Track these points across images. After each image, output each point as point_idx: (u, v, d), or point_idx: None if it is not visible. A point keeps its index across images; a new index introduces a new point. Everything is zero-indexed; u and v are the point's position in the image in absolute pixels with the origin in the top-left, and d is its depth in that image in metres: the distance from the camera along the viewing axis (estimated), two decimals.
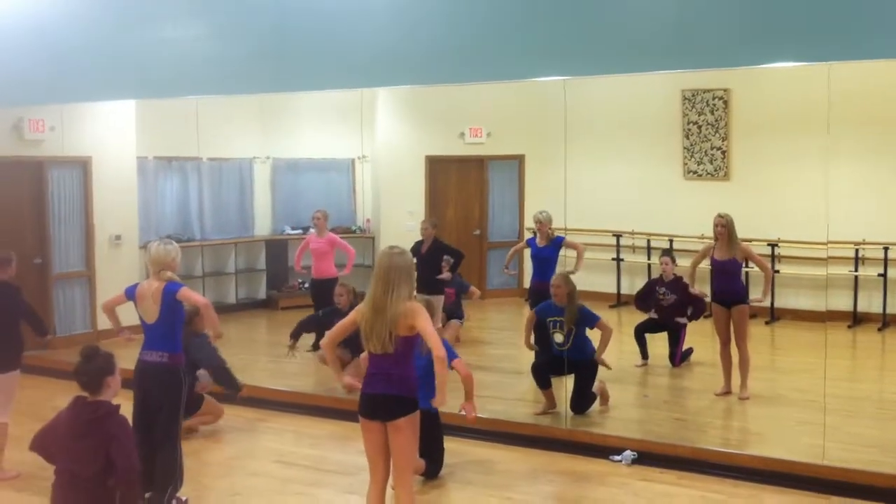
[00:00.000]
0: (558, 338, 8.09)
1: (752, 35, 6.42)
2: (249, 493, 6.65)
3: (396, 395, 5.12)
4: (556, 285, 8.19)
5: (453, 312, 10.56)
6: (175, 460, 6.00)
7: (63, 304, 11.24)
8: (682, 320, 9.91)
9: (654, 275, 13.00)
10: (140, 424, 5.86)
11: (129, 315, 6.62)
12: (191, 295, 6.18)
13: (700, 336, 12.12)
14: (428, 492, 6.67)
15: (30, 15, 9.66)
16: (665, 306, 9.92)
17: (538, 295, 9.01)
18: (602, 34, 6.91)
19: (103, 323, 11.24)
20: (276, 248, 13.70)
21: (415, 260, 5.67)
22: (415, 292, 5.27)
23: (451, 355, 6.00)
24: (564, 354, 8.02)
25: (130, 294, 6.30)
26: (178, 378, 6.09)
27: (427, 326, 5.06)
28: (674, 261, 10.13)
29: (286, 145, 13.97)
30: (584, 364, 8.06)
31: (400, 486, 5.26)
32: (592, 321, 8.15)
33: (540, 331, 8.37)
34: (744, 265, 8.96)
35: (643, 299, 10.30)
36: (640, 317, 10.26)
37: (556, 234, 9.65)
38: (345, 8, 7.93)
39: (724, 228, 8.60)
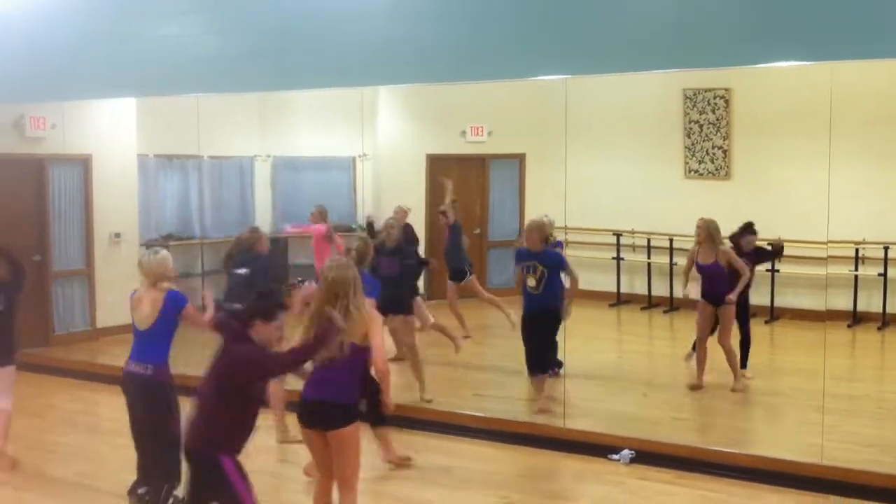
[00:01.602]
0: (531, 281, 8.22)
1: (753, 34, 6.42)
2: None
3: (337, 402, 5.01)
4: (529, 230, 8.33)
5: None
6: (172, 459, 5.96)
7: (62, 302, 11.25)
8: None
9: (655, 274, 13.03)
10: (132, 426, 6.03)
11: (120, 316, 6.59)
12: (196, 318, 6.05)
13: (690, 333, 12.13)
14: (426, 491, 6.67)
15: (31, 13, 9.68)
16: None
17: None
18: (603, 33, 6.92)
19: (102, 321, 11.33)
20: (277, 246, 13.69)
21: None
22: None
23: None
24: (537, 299, 8.16)
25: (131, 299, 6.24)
26: (163, 391, 5.99)
27: (377, 339, 5.12)
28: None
29: (287, 143, 13.95)
30: (550, 313, 8.14)
31: (344, 498, 5.14)
32: (562, 264, 8.30)
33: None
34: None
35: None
36: (639, 315, 10.19)
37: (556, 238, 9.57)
38: (345, 6, 7.94)
39: (703, 231, 8.85)
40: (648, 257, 13.00)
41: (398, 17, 7.77)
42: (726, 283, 8.77)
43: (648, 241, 13.05)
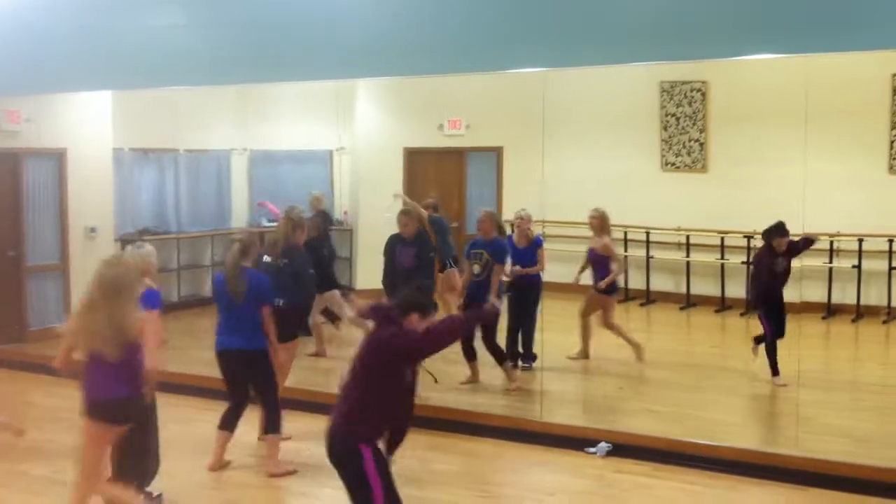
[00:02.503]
0: (476, 268, 8.55)
1: (730, 27, 6.44)
2: (225, 485, 6.63)
3: (112, 398, 5.30)
4: (482, 220, 8.68)
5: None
6: (143, 467, 5.88)
7: (37, 297, 11.14)
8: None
9: (632, 266, 13.06)
10: None
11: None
12: (150, 328, 5.75)
13: (673, 327, 12.22)
14: (402, 487, 6.67)
15: (5, 5, 9.58)
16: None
17: (519, 292, 9.13)
18: (581, 26, 6.92)
19: None
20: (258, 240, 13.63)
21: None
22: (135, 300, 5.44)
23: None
24: (480, 286, 8.43)
25: None
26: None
27: (150, 339, 5.42)
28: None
29: (264, 137, 13.90)
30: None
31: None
32: (502, 257, 8.55)
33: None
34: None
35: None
36: (616, 308, 10.18)
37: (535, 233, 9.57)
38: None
39: (594, 220, 9.54)
40: (625, 250, 13.04)
41: (376, 10, 7.74)
42: (605, 270, 9.44)
43: (625, 233, 13.08)
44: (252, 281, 6.70)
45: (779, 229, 8.72)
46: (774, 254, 8.76)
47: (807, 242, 9.12)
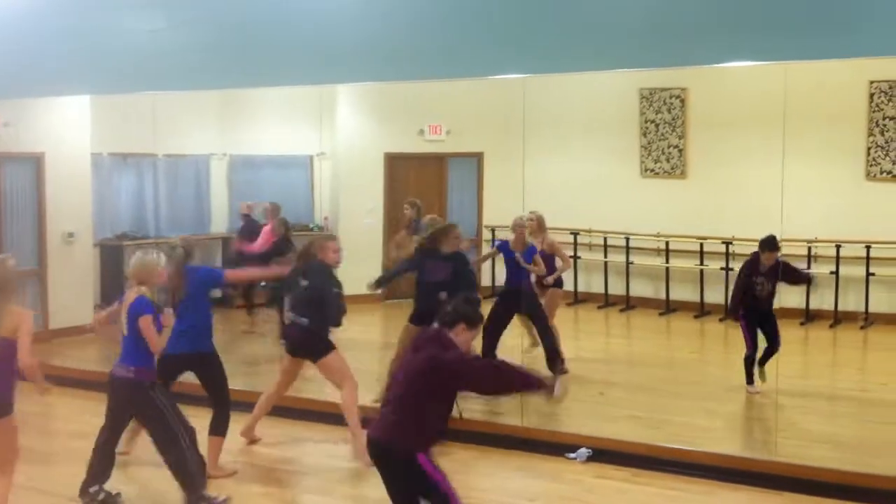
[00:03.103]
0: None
1: (709, 34, 6.48)
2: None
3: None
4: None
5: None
6: (185, 460, 5.92)
7: (14, 302, 11.04)
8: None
9: (612, 272, 13.10)
10: (109, 427, 6.19)
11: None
12: (147, 331, 5.88)
13: (653, 332, 12.26)
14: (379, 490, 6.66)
15: None
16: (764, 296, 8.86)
17: (507, 297, 9.18)
18: (562, 33, 6.94)
19: (55, 322, 11.16)
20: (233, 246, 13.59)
21: None
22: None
23: None
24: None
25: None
26: (143, 392, 5.96)
27: (24, 337, 5.58)
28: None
29: (244, 142, 13.84)
30: None
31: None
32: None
33: None
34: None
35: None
36: (595, 313, 10.23)
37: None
38: (305, 4, 7.89)
39: (533, 223, 9.65)
40: (605, 256, 13.08)
41: (357, 15, 7.73)
42: (552, 269, 9.59)
43: (605, 239, 13.12)
44: (191, 277, 6.82)
45: (769, 243, 8.59)
46: (758, 270, 8.65)
47: (803, 278, 9.17)
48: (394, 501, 4.86)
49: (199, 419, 6.84)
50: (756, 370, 8.74)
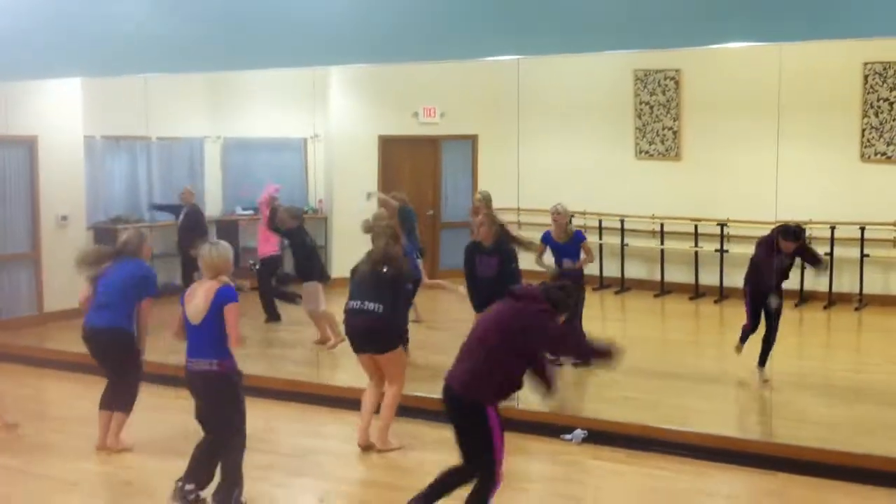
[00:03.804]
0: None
1: (704, 15, 6.45)
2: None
3: None
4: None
5: None
6: (236, 464, 5.81)
7: (8, 286, 11.05)
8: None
9: (607, 254, 13.10)
10: (202, 424, 5.92)
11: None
12: (231, 320, 5.70)
13: (648, 314, 12.28)
14: (380, 475, 6.67)
15: None
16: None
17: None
18: (555, 14, 6.90)
19: (49, 305, 11.16)
20: (227, 229, 13.55)
21: None
22: None
23: None
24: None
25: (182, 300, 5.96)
26: (229, 385, 5.78)
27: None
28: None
29: (238, 125, 13.80)
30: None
31: None
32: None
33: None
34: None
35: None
36: (591, 296, 10.16)
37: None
38: None
39: (481, 203, 9.68)
40: (600, 238, 13.07)
41: None
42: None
43: (600, 221, 13.12)
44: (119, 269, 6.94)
45: (794, 233, 8.37)
46: (777, 249, 8.35)
47: (819, 262, 9.01)
48: (460, 446, 5.22)
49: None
50: (758, 373, 8.44)
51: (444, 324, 11.22)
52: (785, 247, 8.35)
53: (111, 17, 8.61)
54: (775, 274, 8.42)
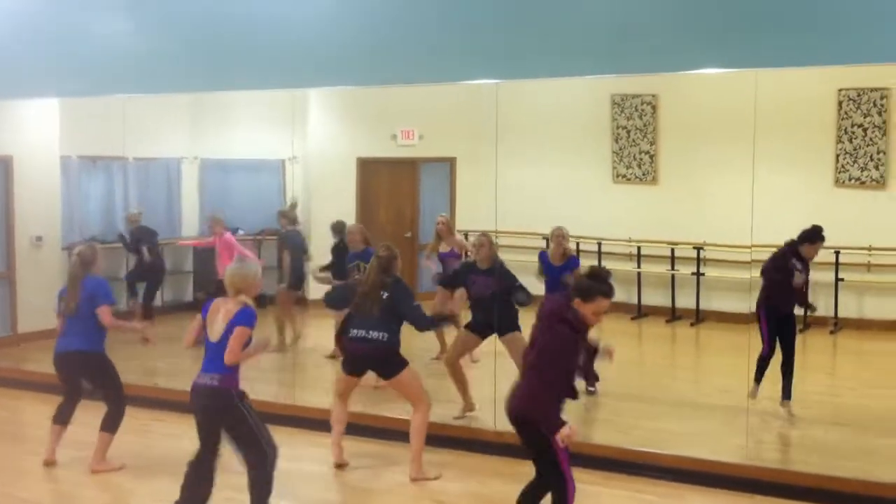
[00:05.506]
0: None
1: (681, 41, 6.53)
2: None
3: None
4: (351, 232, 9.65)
5: None
6: (269, 481, 5.75)
7: None
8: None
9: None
10: (202, 440, 5.84)
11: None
12: (235, 344, 5.64)
13: (625, 337, 12.30)
14: (356, 498, 6.64)
15: None
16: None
17: None
18: (534, 38, 6.97)
19: (24, 326, 11.06)
20: (204, 250, 13.48)
21: None
22: None
23: None
24: None
25: (204, 312, 5.89)
26: (228, 399, 5.71)
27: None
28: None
29: (215, 145, 13.78)
30: None
31: None
32: None
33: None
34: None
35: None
36: None
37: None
38: (277, 8, 7.87)
39: (443, 226, 10.11)
40: None
41: (329, 19, 7.72)
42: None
43: (577, 244, 13.10)
44: (87, 287, 6.94)
45: (819, 232, 8.11)
46: (800, 256, 8.14)
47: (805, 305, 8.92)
48: (534, 462, 5.47)
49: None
50: (785, 408, 8.23)
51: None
52: (811, 253, 8.14)
53: (89, 38, 8.62)
54: (796, 293, 8.24)
